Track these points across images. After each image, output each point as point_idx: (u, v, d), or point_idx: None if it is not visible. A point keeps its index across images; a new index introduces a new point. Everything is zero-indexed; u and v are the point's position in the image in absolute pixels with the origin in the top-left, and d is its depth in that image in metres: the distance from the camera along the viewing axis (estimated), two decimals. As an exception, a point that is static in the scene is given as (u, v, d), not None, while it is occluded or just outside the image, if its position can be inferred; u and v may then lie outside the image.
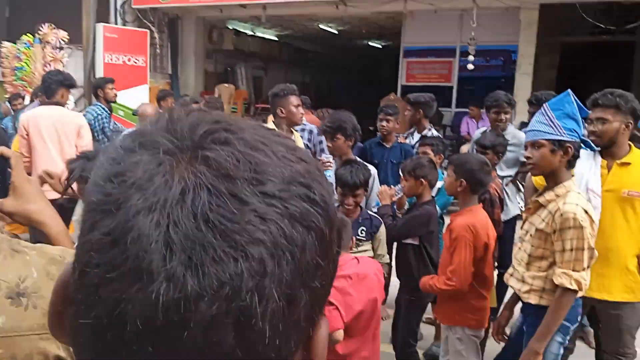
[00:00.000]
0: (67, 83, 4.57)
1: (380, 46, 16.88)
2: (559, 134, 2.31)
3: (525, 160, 2.54)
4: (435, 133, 4.65)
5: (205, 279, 0.35)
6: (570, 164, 2.38)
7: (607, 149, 2.73)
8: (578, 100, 2.35)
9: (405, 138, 4.81)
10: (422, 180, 3.10)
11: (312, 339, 0.44)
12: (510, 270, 2.60)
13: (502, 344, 2.78)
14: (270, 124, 3.67)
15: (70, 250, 0.96)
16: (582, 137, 2.39)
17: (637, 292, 2.73)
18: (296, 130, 4.22)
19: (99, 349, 0.37)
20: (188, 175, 0.37)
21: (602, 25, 8.69)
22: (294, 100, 3.91)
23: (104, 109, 5.50)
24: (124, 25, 10.22)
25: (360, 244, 2.94)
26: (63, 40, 8.41)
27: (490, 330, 2.87)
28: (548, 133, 2.32)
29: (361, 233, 2.97)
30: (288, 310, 0.38)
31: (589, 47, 11.56)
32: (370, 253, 3.00)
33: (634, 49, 10.40)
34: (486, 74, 10.54)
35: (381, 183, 4.43)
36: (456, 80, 10.91)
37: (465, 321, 2.79)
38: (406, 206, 3.56)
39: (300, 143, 4.01)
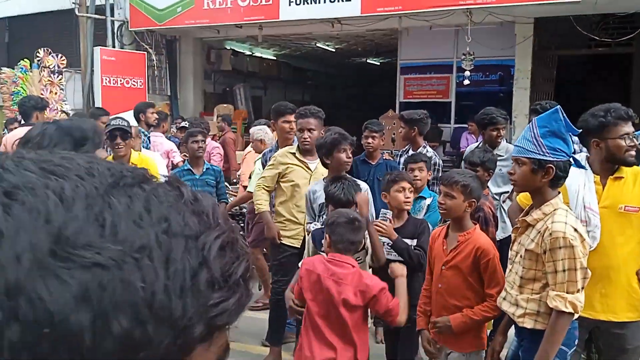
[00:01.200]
0: (39, 106, 4.95)
1: (378, 63, 16.94)
2: (541, 153, 2.23)
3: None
4: (430, 150, 4.60)
5: None
6: (554, 184, 2.30)
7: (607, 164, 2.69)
8: (566, 118, 2.26)
9: (401, 156, 4.77)
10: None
11: None
12: (502, 293, 2.51)
13: None
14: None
15: None
16: (572, 155, 2.30)
17: None
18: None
19: None
20: None
21: (597, 38, 8.69)
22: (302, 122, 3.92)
23: (144, 133, 5.52)
24: (122, 48, 10.28)
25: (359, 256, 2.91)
26: (61, 64, 8.47)
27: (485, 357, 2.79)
28: (530, 151, 2.25)
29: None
30: None
31: (586, 59, 11.56)
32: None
33: (631, 60, 10.38)
34: (484, 89, 10.54)
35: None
36: (454, 96, 10.90)
37: (482, 344, 2.77)
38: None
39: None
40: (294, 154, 3.90)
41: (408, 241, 3.07)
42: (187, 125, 6.89)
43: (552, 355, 2.22)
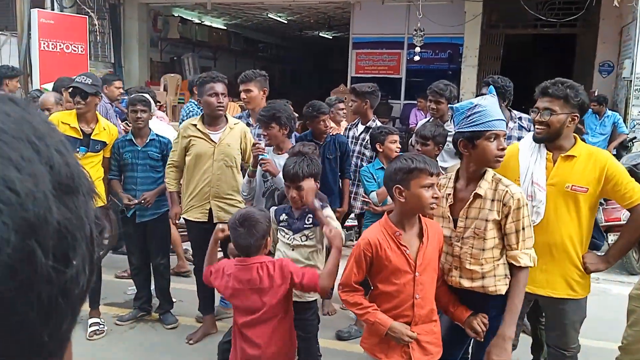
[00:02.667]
0: (10, 74, 4.80)
1: (330, 37, 16.81)
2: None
3: None
4: (379, 124, 4.60)
5: None
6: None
7: (553, 142, 2.66)
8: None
9: (349, 130, 4.75)
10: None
11: None
12: (454, 273, 2.46)
13: None
14: None
15: None
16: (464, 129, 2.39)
17: (580, 289, 2.70)
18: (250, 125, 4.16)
19: None
20: None
21: (544, 18, 8.89)
22: (214, 88, 3.76)
23: (197, 106, 5.23)
24: (62, 10, 9.74)
25: (309, 232, 2.86)
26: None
27: None
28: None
29: (308, 221, 2.88)
30: None
31: (531, 39, 11.84)
32: (316, 241, 2.90)
33: (575, 41, 10.70)
34: (434, 67, 10.65)
35: (321, 180, 4.35)
36: (405, 72, 10.97)
37: None
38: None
39: (239, 129, 3.88)
40: (195, 125, 3.81)
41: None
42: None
43: (519, 309, 2.34)
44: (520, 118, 4.23)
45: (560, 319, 2.74)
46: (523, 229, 2.30)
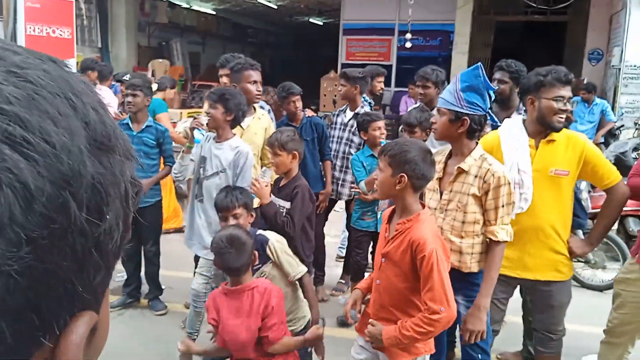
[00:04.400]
0: None
1: (320, 23, 16.71)
2: (459, 106, 2.39)
3: None
4: (367, 111, 4.57)
5: None
6: (470, 135, 2.45)
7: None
8: (485, 76, 2.38)
9: (337, 116, 4.72)
10: (295, 153, 3.05)
11: (59, 344, 0.35)
12: None
13: None
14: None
15: None
16: (487, 111, 2.44)
17: (566, 271, 2.76)
18: (261, 107, 4.08)
19: None
20: None
21: (534, 5, 8.88)
22: (252, 76, 3.75)
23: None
24: (47, -6, 9.55)
25: (261, 272, 2.63)
26: (-22, 9, 7.79)
27: None
28: (450, 103, 2.41)
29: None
30: None
31: (522, 26, 11.83)
32: (277, 276, 2.65)
33: (565, 28, 10.71)
34: (425, 54, 10.62)
35: (300, 163, 4.34)
36: (395, 59, 10.94)
37: (419, 351, 2.26)
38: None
39: (266, 121, 3.86)
40: None
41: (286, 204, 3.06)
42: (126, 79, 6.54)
43: (494, 283, 2.43)
44: (525, 111, 4.22)
45: (548, 302, 2.79)
46: (503, 206, 2.38)
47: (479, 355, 2.52)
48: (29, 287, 0.31)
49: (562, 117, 2.62)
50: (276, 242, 2.65)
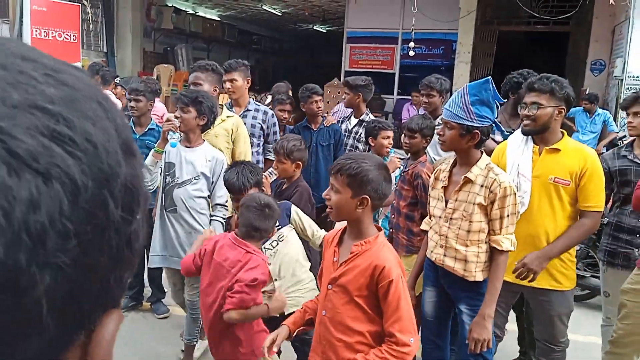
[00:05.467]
0: None
1: (324, 31, 16.80)
2: (469, 119, 2.41)
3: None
4: (372, 118, 4.62)
5: None
6: (477, 145, 2.50)
7: (540, 135, 2.72)
8: (495, 88, 2.43)
9: (342, 123, 4.76)
10: (299, 162, 3.15)
11: (91, 340, 0.36)
12: (439, 250, 2.59)
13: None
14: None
15: None
16: (494, 121, 2.49)
17: (564, 280, 2.75)
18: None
19: None
20: None
21: (537, 15, 8.93)
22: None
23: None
24: (54, -2, 9.63)
25: (280, 235, 2.78)
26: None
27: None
28: (460, 117, 2.42)
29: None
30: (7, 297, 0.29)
31: (524, 36, 11.88)
32: (295, 238, 2.85)
33: (567, 39, 10.76)
34: (427, 63, 10.67)
35: (313, 167, 4.39)
36: (398, 67, 10.99)
37: None
38: None
39: (232, 123, 3.79)
40: None
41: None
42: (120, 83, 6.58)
43: (498, 292, 2.45)
44: None
45: (546, 311, 2.79)
46: (508, 216, 2.42)
47: None
48: (74, 281, 0.32)
49: (526, 122, 2.71)
50: (297, 209, 2.85)
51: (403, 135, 3.54)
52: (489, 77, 2.47)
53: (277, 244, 2.76)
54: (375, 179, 1.90)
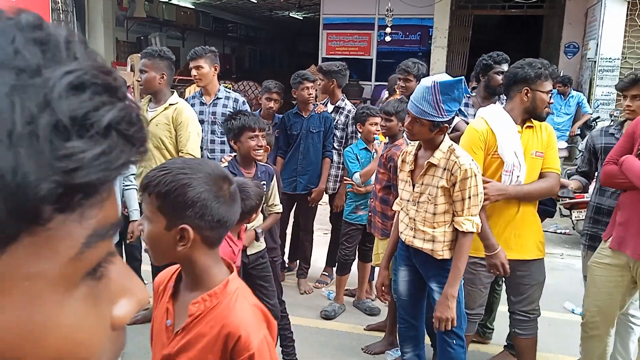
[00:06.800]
0: None
1: (301, 18, 16.67)
2: (440, 116, 2.47)
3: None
4: (348, 103, 4.60)
5: None
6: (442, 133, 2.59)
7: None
8: (466, 85, 2.50)
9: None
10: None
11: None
12: (409, 232, 2.67)
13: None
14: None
15: None
16: (460, 108, 2.66)
17: (543, 249, 2.94)
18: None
19: None
20: None
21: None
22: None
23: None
24: (22, -13, 9.39)
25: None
26: (-52, 3, 7.63)
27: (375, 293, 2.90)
28: (431, 115, 2.47)
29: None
30: None
31: (499, 20, 11.95)
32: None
33: (541, 22, 10.85)
34: (404, 49, 10.68)
35: (303, 154, 4.37)
36: (375, 54, 10.98)
37: None
38: None
39: (174, 111, 3.57)
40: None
41: None
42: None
43: (462, 273, 2.54)
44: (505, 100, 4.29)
45: (528, 281, 2.92)
46: (469, 197, 2.47)
47: (454, 341, 2.61)
48: None
49: (548, 110, 2.84)
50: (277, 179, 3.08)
51: (380, 118, 3.53)
52: (462, 77, 2.51)
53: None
54: (201, 197, 1.22)
